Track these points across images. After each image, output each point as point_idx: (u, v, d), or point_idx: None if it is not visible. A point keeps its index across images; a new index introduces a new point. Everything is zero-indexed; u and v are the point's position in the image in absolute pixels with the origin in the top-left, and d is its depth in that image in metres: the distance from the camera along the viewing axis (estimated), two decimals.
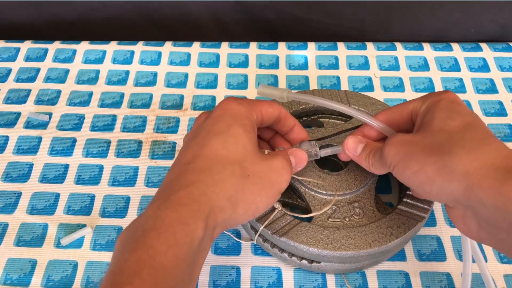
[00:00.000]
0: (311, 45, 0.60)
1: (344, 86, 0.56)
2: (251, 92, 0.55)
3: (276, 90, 0.39)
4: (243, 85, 0.56)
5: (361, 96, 0.49)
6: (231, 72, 0.58)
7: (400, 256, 0.42)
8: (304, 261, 0.40)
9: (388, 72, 0.57)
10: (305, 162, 0.38)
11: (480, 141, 0.29)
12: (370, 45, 0.60)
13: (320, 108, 0.49)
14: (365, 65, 0.58)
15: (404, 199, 0.41)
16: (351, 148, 0.37)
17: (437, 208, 0.45)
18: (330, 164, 0.46)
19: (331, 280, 0.40)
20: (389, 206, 0.43)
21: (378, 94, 0.55)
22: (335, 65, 0.58)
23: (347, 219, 0.40)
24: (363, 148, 0.37)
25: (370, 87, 0.56)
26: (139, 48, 0.60)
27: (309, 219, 0.40)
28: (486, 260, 0.41)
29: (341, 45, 0.60)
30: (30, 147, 0.50)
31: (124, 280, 0.26)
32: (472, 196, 0.28)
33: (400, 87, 0.56)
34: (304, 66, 0.58)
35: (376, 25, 0.63)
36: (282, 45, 0.61)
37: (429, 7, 0.61)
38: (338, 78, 0.57)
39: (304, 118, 0.50)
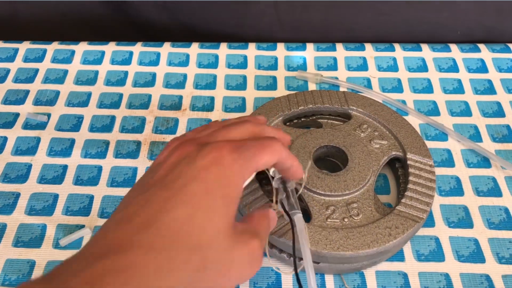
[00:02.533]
0: (310, 46, 0.60)
1: (343, 87, 0.56)
2: (250, 93, 0.55)
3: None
4: (242, 86, 0.56)
5: (359, 97, 0.49)
6: (230, 73, 0.58)
7: (399, 256, 0.42)
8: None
9: (386, 73, 0.57)
10: (275, 222, 0.34)
11: None
12: (368, 46, 0.60)
13: (318, 109, 0.49)
14: (363, 66, 0.58)
15: (403, 200, 0.41)
16: None
17: (436, 208, 0.45)
18: (329, 165, 0.46)
19: (329, 280, 0.40)
20: (387, 207, 0.43)
21: (377, 95, 0.55)
22: (333, 66, 0.58)
23: (345, 220, 0.40)
24: None
25: (369, 88, 0.56)
26: (137, 49, 0.60)
27: (308, 220, 0.40)
28: (484, 261, 0.41)
29: (339, 46, 0.60)
30: (29, 147, 0.50)
31: None
32: None
33: (398, 88, 0.56)
34: (303, 67, 0.58)
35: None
36: (280, 46, 0.61)
37: (416, 8, 0.61)
38: (336, 79, 0.57)
39: (303, 119, 0.50)
